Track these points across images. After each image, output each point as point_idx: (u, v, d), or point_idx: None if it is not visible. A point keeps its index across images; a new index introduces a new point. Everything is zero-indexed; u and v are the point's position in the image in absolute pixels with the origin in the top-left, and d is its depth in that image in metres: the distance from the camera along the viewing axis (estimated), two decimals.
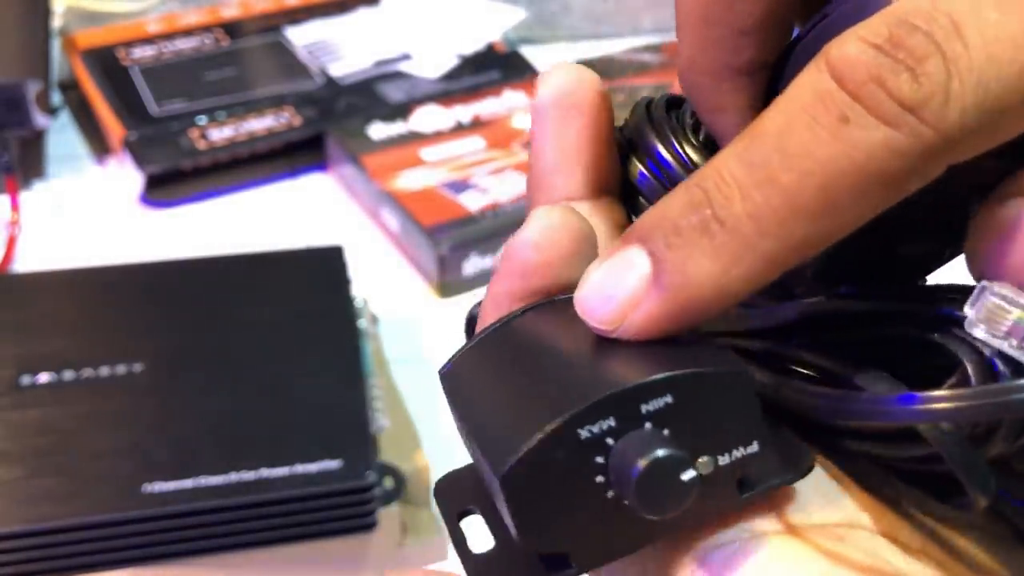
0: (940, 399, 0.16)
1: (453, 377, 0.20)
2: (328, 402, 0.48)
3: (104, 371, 0.49)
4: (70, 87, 0.78)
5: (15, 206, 0.64)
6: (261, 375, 0.49)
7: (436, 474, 0.41)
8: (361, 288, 0.56)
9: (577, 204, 0.21)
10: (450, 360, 0.20)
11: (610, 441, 0.17)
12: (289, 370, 0.49)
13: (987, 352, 0.17)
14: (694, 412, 0.17)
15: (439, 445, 0.51)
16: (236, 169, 0.70)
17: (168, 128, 0.70)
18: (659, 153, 0.21)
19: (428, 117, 0.73)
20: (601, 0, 0.93)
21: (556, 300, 0.20)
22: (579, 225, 0.20)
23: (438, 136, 0.71)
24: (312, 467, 0.45)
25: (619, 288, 0.18)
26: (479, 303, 0.23)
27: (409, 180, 0.66)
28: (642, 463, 0.16)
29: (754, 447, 0.17)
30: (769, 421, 0.18)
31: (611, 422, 0.17)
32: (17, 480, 0.44)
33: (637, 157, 0.22)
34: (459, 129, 0.72)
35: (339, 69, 0.78)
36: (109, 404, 0.47)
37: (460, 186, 0.66)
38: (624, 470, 0.16)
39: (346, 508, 0.46)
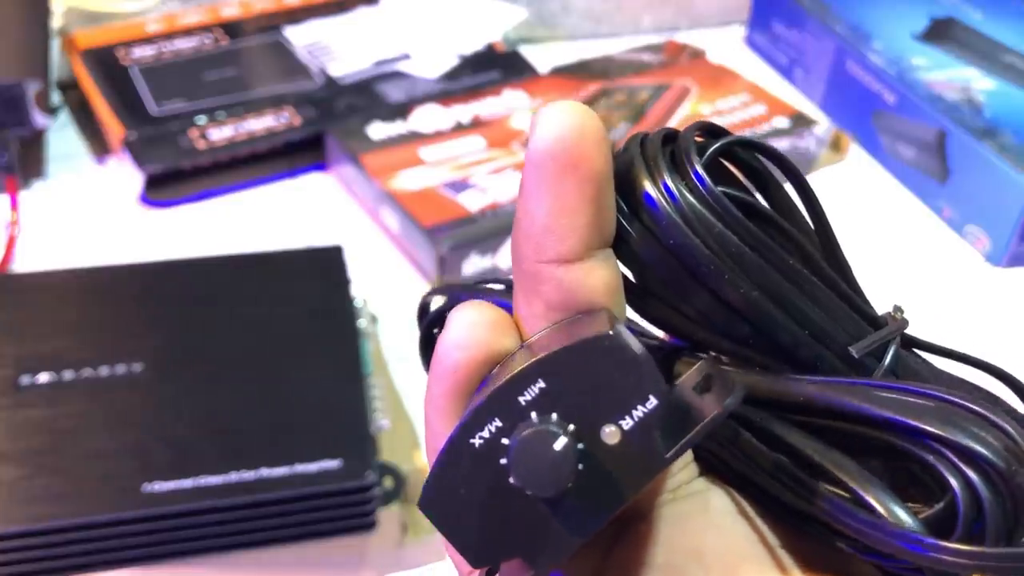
0: (966, 554, 0.16)
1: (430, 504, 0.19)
2: (328, 402, 0.48)
3: (104, 371, 0.49)
4: (70, 87, 0.78)
5: (15, 206, 0.64)
6: (261, 375, 0.49)
7: None
8: (361, 288, 0.56)
9: (567, 267, 0.19)
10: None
11: (504, 441, 0.17)
12: (289, 370, 0.49)
13: (973, 476, 0.17)
14: (572, 388, 0.16)
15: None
16: (236, 169, 0.71)
17: (168, 128, 0.70)
18: (648, 195, 0.19)
19: (428, 117, 0.73)
20: (601, 0, 0.93)
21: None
22: (498, 318, 0.20)
23: (438, 136, 0.71)
24: (312, 467, 0.45)
25: None
26: (431, 291, 0.23)
27: (409, 180, 0.66)
28: (515, 444, 0.16)
29: (652, 402, 0.17)
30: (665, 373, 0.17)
31: (496, 423, 0.17)
32: (17, 480, 0.44)
33: (629, 198, 0.20)
34: (459, 129, 0.72)
35: (339, 69, 0.78)
36: (109, 404, 0.47)
37: (460, 186, 0.66)
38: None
39: (346, 508, 0.46)
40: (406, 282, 0.63)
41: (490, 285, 0.22)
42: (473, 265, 0.61)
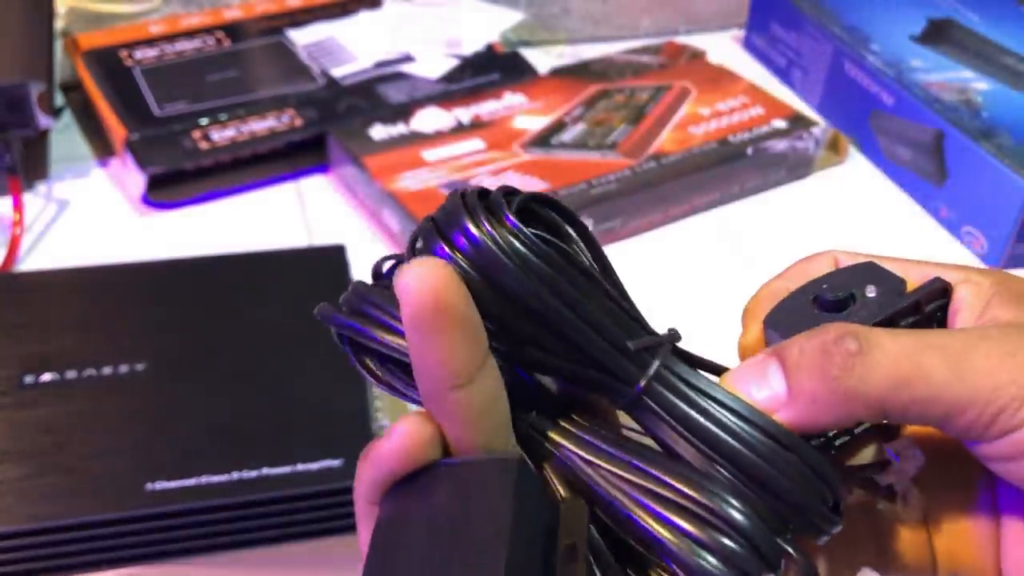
0: None
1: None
2: (329, 401, 0.48)
3: (107, 370, 0.49)
4: (73, 88, 0.78)
5: (18, 207, 0.65)
6: (263, 374, 0.50)
7: None
8: None
9: (461, 390, 0.24)
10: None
11: None
12: (291, 369, 0.50)
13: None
14: None
15: None
16: (238, 170, 0.71)
17: (170, 129, 0.71)
18: (469, 230, 0.24)
19: (429, 118, 0.74)
20: (600, 2, 0.93)
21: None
22: (430, 436, 0.24)
23: (439, 137, 0.72)
24: (313, 466, 0.45)
25: (761, 398, 0.25)
26: (384, 257, 0.27)
27: (410, 181, 0.67)
28: None
29: None
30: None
31: None
32: (20, 479, 0.44)
33: (444, 238, 0.24)
34: (459, 130, 0.72)
35: (340, 70, 0.78)
36: (112, 403, 0.48)
37: (460, 187, 0.66)
38: None
39: (347, 507, 0.46)
40: None
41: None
42: None
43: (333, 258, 0.56)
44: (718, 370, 0.27)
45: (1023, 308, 0.27)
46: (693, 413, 0.24)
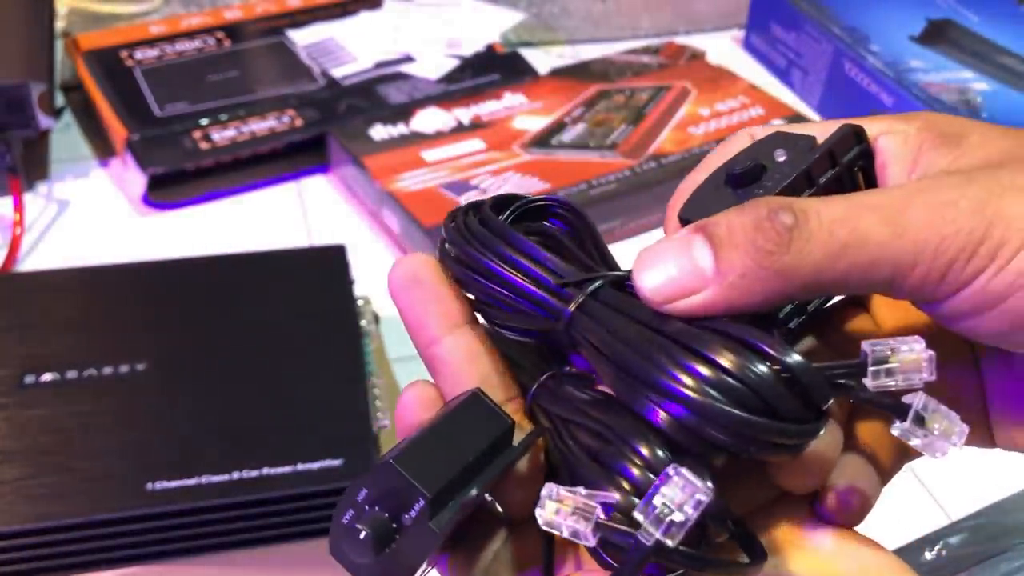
0: None
1: None
2: (330, 401, 0.48)
3: (107, 370, 0.49)
4: (73, 89, 0.78)
5: (19, 207, 0.65)
6: (263, 374, 0.50)
7: None
8: (363, 288, 0.56)
9: (439, 344, 0.28)
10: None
11: (356, 523, 0.25)
12: (291, 369, 0.50)
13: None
14: (381, 493, 0.24)
15: None
16: (238, 170, 0.71)
17: (171, 129, 0.71)
18: (470, 252, 0.28)
19: (429, 118, 0.74)
20: (600, 2, 0.93)
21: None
22: (431, 392, 0.29)
23: (439, 137, 0.72)
24: (314, 466, 0.45)
25: (682, 275, 0.24)
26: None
27: (410, 181, 0.67)
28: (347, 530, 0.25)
29: (420, 503, 0.24)
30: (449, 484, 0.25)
31: (350, 511, 0.25)
32: (21, 479, 0.44)
33: (456, 261, 0.29)
34: (459, 130, 0.73)
35: (340, 71, 0.78)
36: (112, 403, 0.48)
37: (461, 187, 0.66)
38: None
39: None
40: None
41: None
42: None
43: (333, 258, 0.56)
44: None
45: (955, 150, 0.25)
46: (609, 337, 0.24)
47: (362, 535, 0.24)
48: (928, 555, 0.47)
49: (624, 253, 0.31)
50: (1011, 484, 0.51)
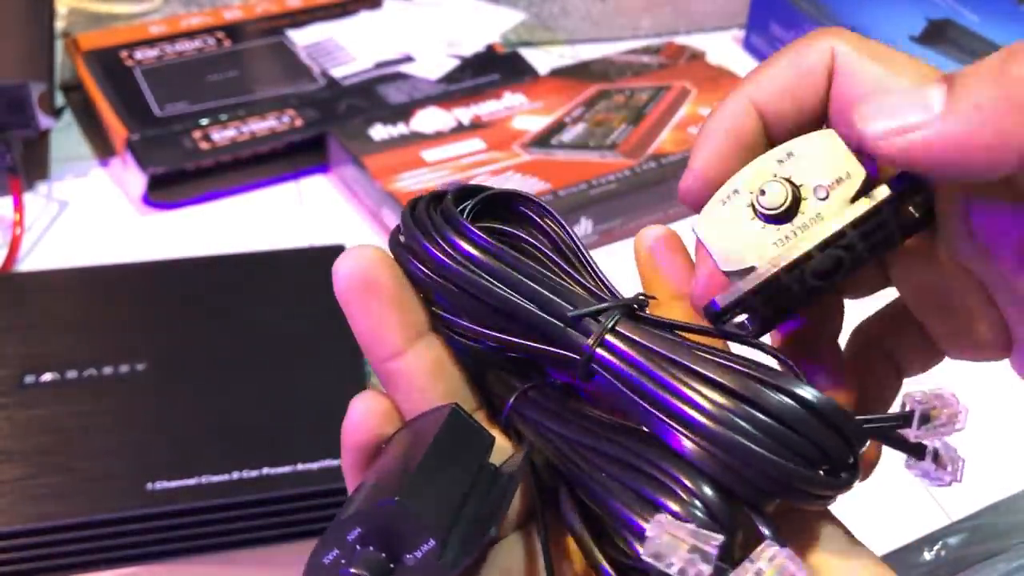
0: None
1: None
2: (330, 400, 0.48)
3: (107, 370, 0.49)
4: (73, 88, 0.78)
5: (19, 207, 0.65)
6: (263, 373, 0.50)
7: None
8: None
9: (397, 361, 0.26)
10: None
11: (343, 562, 0.23)
12: (291, 368, 0.50)
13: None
14: (378, 532, 0.23)
15: None
16: (238, 170, 0.71)
17: (171, 129, 0.71)
18: (425, 246, 0.26)
19: (429, 118, 0.74)
20: (600, 2, 0.93)
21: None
22: (383, 408, 0.26)
23: (439, 137, 0.72)
24: (314, 466, 0.46)
25: (904, 105, 0.21)
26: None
27: (410, 181, 0.67)
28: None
29: (431, 543, 0.23)
30: (451, 519, 0.24)
31: (335, 551, 0.23)
32: (21, 479, 0.44)
33: (412, 255, 0.26)
34: (459, 130, 0.73)
35: (340, 71, 0.78)
36: (112, 403, 0.48)
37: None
38: None
39: None
40: None
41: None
42: None
43: (333, 258, 0.56)
44: (690, 330, 0.26)
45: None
46: (634, 376, 0.24)
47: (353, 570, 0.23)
48: (927, 555, 0.47)
49: (624, 253, 0.31)
50: (1011, 484, 0.51)
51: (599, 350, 0.24)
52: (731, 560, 0.22)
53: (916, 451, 0.25)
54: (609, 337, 0.25)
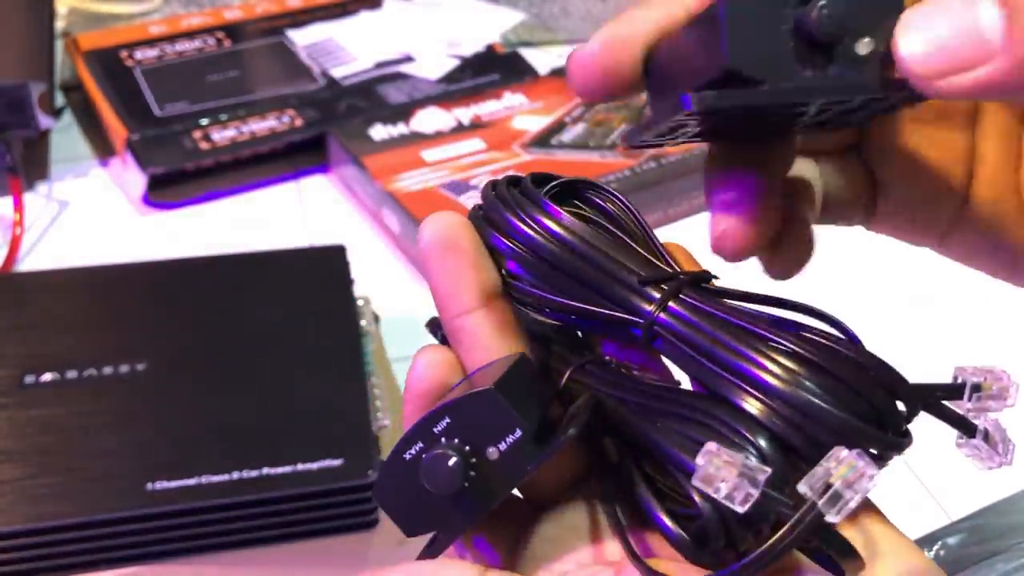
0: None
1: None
2: (330, 401, 0.49)
3: (107, 370, 0.49)
4: (73, 88, 0.78)
5: (19, 207, 0.65)
6: (263, 374, 0.50)
7: None
8: (362, 288, 0.56)
9: (467, 317, 0.28)
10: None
11: (424, 456, 0.25)
12: (291, 369, 0.50)
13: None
14: (467, 423, 0.24)
15: None
16: (238, 170, 0.71)
17: (171, 129, 0.71)
18: (509, 220, 0.28)
19: (429, 118, 0.74)
20: (600, 2, 0.93)
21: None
22: (445, 359, 0.28)
23: (439, 137, 0.72)
24: (314, 465, 0.46)
25: (958, 40, 0.19)
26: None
27: (410, 181, 0.67)
28: (425, 461, 0.25)
29: (517, 433, 0.24)
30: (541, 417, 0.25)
31: (420, 444, 0.25)
32: (21, 479, 0.44)
33: (493, 227, 0.28)
34: (459, 130, 0.73)
35: (340, 71, 0.78)
36: (112, 403, 0.48)
37: (461, 187, 0.66)
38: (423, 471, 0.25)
39: (347, 506, 0.46)
40: (407, 282, 0.63)
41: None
42: None
43: (333, 258, 0.56)
44: (753, 298, 0.27)
45: None
46: (699, 339, 0.25)
47: (452, 461, 0.24)
48: (927, 555, 0.47)
49: None
50: (1010, 484, 0.51)
51: (662, 314, 0.26)
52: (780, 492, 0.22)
53: (967, 428, 0.25)
54: (673, 303, 0.26)
